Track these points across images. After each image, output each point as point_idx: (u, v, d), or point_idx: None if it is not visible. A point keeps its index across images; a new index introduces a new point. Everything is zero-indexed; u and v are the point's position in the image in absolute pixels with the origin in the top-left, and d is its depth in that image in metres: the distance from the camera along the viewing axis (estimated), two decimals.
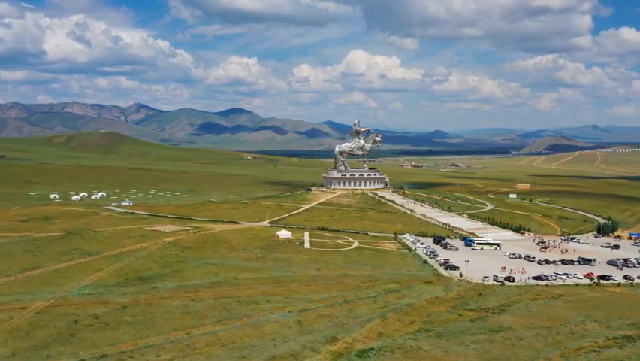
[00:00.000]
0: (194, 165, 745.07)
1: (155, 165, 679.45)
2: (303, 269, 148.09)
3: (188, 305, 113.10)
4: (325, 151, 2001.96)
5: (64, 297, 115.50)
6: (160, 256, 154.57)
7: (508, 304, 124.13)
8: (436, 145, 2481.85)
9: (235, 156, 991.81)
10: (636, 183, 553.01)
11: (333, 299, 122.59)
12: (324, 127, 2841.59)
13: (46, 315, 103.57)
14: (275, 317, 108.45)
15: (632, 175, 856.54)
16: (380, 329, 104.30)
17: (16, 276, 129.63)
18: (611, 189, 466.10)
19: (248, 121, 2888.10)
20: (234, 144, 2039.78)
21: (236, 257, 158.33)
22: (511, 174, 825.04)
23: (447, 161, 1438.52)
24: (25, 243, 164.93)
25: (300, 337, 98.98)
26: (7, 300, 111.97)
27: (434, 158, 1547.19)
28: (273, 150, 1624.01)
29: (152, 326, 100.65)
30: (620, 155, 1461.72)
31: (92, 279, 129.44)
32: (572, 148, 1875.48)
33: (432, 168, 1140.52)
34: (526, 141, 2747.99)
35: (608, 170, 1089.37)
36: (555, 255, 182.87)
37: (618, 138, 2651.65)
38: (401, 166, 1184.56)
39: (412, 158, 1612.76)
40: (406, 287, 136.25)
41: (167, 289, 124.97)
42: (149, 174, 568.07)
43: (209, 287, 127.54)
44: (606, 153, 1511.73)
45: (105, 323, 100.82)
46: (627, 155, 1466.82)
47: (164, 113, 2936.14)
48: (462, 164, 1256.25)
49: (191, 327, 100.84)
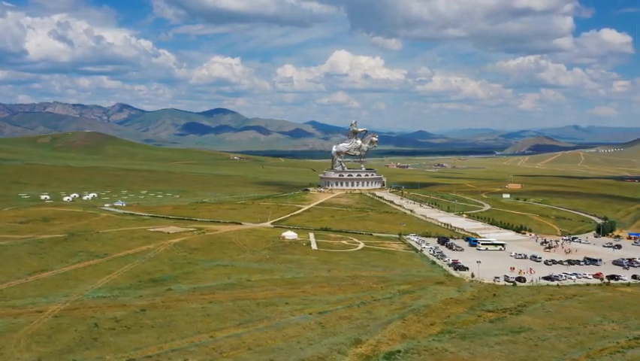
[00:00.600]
0: (182, 166, 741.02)
1: (142, 166, 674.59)
2: (314, 270, 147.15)
3: (206, 308, 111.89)
4: (310, 151, 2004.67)
5: (80, 300, 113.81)
6: (168, 257, 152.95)
7: (524, 305, 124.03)
8: (419, 145, 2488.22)
9: (222, 156, 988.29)
10: (624, 184, 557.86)
11: (350, 301, 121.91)
12: (308, 127, 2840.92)
13: (65, 319, 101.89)
14: (296, 319, 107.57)
15: (617, 175, 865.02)
16: (402, 331, 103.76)
17: (27, 279, 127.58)
18: (600, 189, 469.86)
19: (232, 121, 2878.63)
20: (218, 144, 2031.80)
21: (245, 259, 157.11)
22: (498, 174, 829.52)
23: (432, 161, 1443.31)
24: (29, 245, 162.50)
25: (325, 339, 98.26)
26: (23, 303, 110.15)
27: (419, 158, 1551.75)
28: (257, 151, 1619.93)
29: (175, 329, 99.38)
30: (603, 155, 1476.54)
31: (104, 281, 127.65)
32: (554, 148, 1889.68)
33: (417, 168, 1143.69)
34: (508, 141, 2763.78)
35: (592, 170, 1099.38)
36: (559, 255, 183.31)
37: (599, 138, 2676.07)
38: (386, 166, 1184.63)
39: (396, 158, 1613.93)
40: (419, 288, 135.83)
41: (182, 291, 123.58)
42: (137, 174, 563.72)
43: (223, 289, 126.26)
44: (589, 153, 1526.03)
45: (126, 327, 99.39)
46: (610, 155, 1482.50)
47: (147, 113, 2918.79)
48: (447, 164, 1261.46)
49: (214, 330, 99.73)
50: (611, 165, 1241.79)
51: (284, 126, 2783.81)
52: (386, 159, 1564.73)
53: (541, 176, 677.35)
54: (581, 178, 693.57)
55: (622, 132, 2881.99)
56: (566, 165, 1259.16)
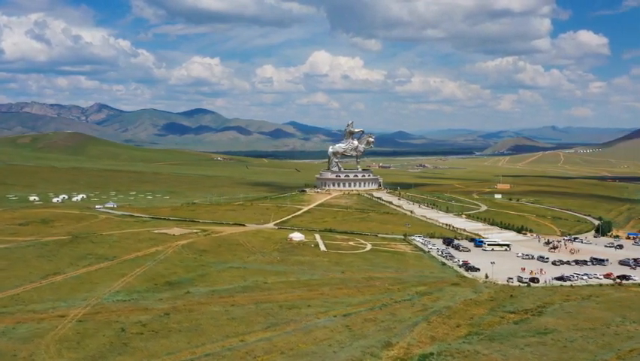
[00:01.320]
0: (166, 167, 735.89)
1: (127, 167, 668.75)
2: (328, 272, 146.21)
3: (230, 311, 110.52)
4: (291, 152, 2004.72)
5: (100, 304, 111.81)
6: (179, 260, 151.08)
7: (544, 306, 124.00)
8: (399, 146, 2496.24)
9: (205, 157, 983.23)
10: (608, 184, 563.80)
11: (371, 303, 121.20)
12: (288, 128, 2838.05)
13: (90, 323, 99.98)
14: (322, 322, 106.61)
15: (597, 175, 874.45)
16: (430, 333, 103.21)
17: (41, 282, 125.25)
18: (587, 189, 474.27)
19: (211, 122, 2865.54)
20: (199, 145, 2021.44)
21: (257, 260, 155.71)
22: (481, 175, 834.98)
23: (413, 161, 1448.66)
24: (34, 247, 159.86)
25: (355, 342, 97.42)
26: (43, 308, 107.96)
27: (400, 158, 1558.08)
28: (238, 151, 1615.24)
29: (203, 333, 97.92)
30: (582, 155, 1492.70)
31: (120, 285, 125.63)
32: (533, 149, 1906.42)
33: (399, 169, 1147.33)
34: (487, 141, 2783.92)
35: (572, 170, 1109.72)
36: (565, 255, 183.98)
37: (576, 138, 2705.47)
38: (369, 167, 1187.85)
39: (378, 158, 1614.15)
40: (436, 290, 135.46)
41: (201, 294, 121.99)
42: (123, 175, 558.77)
43: (242, 292, 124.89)
44: (568, 153, 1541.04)
45: (154, 331, 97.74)
46: (589, 155, 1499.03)
47: (125, 114, 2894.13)
48: (429, 164, 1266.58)
49: (242, 334, 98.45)
50: (591, 165, 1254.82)
51: (264, 127, 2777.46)
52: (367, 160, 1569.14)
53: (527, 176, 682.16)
54: (566, 178, 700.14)
55: (598, 133, 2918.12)
56: (546, 165, 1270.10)
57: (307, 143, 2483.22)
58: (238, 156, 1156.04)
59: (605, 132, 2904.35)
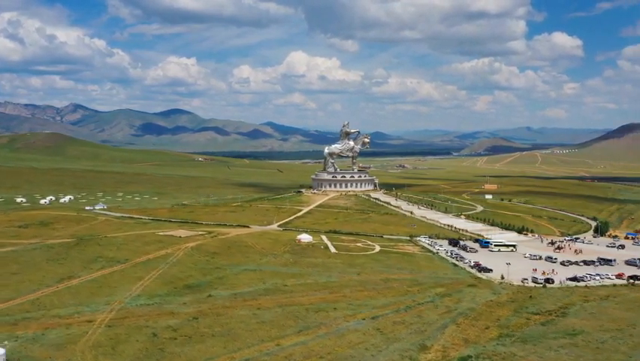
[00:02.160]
0: (148, 167, 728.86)
1: (108, 167, 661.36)
2: (344, 274, 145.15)
3: (257, 314, 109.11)
4: (270, 152, 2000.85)
5: (125, 308, 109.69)
6: (192, 262, 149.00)
7: (565, 307, 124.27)
8: (377, 146, 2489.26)
9: (186, 157, 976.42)
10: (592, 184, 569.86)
11: (395, 305, 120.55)
12: (266, 128, 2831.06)
13: (119, 329, 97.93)
14: (352, 325, 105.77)
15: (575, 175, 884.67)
16: (462, 335, 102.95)
17: (58, 286, 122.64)
18: (573, 189, 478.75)
19: (188, 122, 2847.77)
20: (176, 145, 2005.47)
21: (270, 263, 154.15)
22: (462, 175, 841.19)
23: (392, 162, 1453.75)
24: (41, 250, 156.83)
25: (390, 345, 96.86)
26: (68, 313, 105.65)
27: (379, 159, 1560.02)
28: (216, 151, 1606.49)
29: (237, 337, 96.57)
30: (559, 156, 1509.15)
31: (139, 288, 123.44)
32: (510, 149, 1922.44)
33: (379, 169, 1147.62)
34: (464, 142, 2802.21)
35: (550, 170, 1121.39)
36: (570, 255, 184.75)
37: (551, 139, 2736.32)
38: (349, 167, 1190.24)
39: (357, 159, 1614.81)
40: (454, 291, 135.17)
41: (223, 297, 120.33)
42: (107, 176, 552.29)
43: (264, 295, 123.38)
44: (545, 153, 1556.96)
45: (187, 336, 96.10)
46: (565, 156, 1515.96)
47: (101, 114, 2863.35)
48: (408, 165, 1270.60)
49: (276, 338, 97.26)
50: (568, 165, 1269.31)
51: (241, 127, 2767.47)
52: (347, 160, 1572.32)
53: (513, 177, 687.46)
54: (549, 178, 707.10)
55: (572, 133, 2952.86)
56: (524, 165, 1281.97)
57: (285, 143, 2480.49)
58: (217, 156, 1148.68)
59: (578, 133, 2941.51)
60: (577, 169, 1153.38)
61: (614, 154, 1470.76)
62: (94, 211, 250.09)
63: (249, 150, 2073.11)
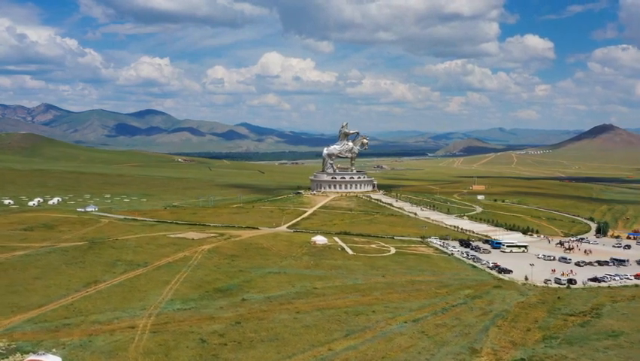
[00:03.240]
0: (129, 168, 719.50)
1: (89, 169, 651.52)
2: (369, 277, 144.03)
3: (298, 318, 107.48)
4: (246, 153, 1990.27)
5: (163, 313, 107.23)
6: (214, 265, 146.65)
7: (597, 308, 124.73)
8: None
9: (165, 158, 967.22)
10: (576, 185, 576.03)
11: (431, 307, 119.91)
12: (241, 129, 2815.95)
13: (165, 335, 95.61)
14: (396, 328, 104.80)
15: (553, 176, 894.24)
16: (507, 338, 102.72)
17: (87, 291, 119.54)
18: (558, 189, 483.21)
19: (162, 122, 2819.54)
20: (150, 146, 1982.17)
21: (292, 265, 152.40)
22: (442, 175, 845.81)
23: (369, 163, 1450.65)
24: (56, 254, 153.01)
25: (441, 348, 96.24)
26: (106, 318, 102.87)
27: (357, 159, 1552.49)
28: (191, 152, 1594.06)
29: (287, 342, 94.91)
30: (534, 156, 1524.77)
31: (170, 293, 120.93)
32: (484, 150, 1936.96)
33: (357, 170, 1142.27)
34: (438, 143, 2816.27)
35: (526, 171, 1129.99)
36: (580, 256, 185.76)
37: (523, 140, 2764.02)
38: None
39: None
40: (482, 293, 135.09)
41: (258, 301, 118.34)
42: (89, 177, 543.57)
43: (298, 298, 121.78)
44: (520, 154, 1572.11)
45: (236, 341, 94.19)
46: (540, 157, 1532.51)
47: (73, 114, 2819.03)
48: (385, 166, 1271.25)
49: (326, 343, 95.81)
50: (544, 166, 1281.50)
51: (216, 128, 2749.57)
52: None
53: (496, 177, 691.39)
54: (532, 179, 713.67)
55: (544, 134, 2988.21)
56: (500, 166, 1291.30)
57: (260, 144, 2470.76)
58: (193, 156, 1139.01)
59: (550, 134, 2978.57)
60: (553, 170, 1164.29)
61: (587, 155, 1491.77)
62: (92, 213, 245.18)
63: (225, 150, 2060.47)
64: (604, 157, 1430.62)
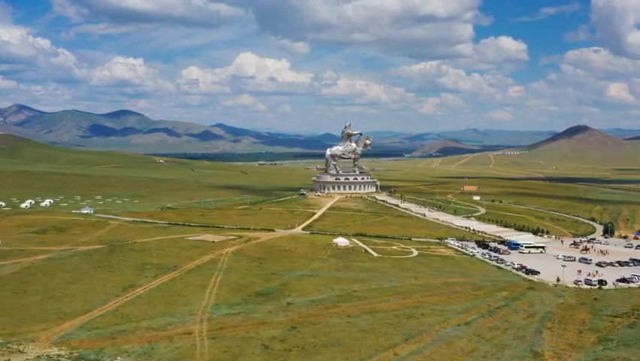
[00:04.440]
0: (111, 169, 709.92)
1: (72, 170, 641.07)
2: (402, 279, 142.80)
3: (351, 323, 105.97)
4: (223, 154, 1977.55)
5: (213, 318, 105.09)
6: (244, 268, 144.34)
7: (637, 309, 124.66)
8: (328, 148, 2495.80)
9: (146, 159, 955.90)
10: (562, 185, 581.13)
11: (476, 310, 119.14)
12: (217, 129, 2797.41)
13: (225, 340, 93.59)
14: (451, 332, 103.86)
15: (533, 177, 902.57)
16: (563, 340, 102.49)
17: (126, 296, 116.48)
18: (547, 189, 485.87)
19: (137, 123, 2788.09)
20: (125, 147, 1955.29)
21: (321, 268, 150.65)
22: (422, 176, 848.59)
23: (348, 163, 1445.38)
24: (80, 258, 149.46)
25: (504, 351, 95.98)
26: (159, 324, 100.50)
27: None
28: (168, 153, 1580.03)
29: (350, 348, 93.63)
30: (511, 157, 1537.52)
31: (211, 297, 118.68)
32: (460, 151, 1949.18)
33: None
34: (413, 143, 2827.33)
35: (505, 171, 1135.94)
36: (598, 256, 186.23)
37: (497, 140, 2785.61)
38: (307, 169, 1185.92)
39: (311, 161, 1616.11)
40: (519, 294, 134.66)
41: (303, 305, 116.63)
42: (75, 179, 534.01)
43: (342, 302, 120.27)
44: (497, 155, 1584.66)
45: (300, 347, 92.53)
46: (517, 157, 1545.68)
47: (47, 115, 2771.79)
48: (365, 167, 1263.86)
49: (389, 347, 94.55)
50: (521, 166, 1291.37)
51: (192, 128, 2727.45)
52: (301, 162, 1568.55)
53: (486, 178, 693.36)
54: (518, 179, 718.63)
55: (517, 135, 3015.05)
56: (478, 166, 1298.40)
57: (237, 145, 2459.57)
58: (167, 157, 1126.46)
59: (523, 135, 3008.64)
60: (530, 170, 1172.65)
61: (563, 155, 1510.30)
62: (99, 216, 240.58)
63: (201, 151, 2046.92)
64: (580, 158, 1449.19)
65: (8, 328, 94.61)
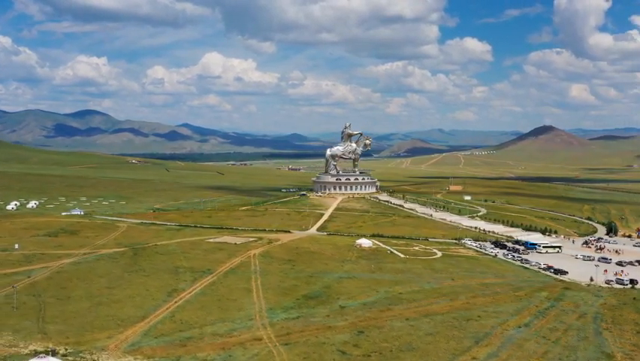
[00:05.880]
0: (86, 170, 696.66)
1: (48, 171, 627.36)
2: (439, 280, 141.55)
3: (414, 326, 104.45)
4: (191, 154, 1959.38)
5: (274, 323, 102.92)
6: (279, 271, 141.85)
7: None
8: (296, 148, 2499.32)
9: (119, 159, 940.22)
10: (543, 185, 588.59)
11: (527, 311, 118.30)
12: (183, 130, 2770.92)
13: (299, 346, 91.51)
14: (516, 334, 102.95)
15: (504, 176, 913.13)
16: (626, 341, 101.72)
17: (175, 301, 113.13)
18: (531, 189, 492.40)
19: (102, 123, 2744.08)
20: (91, 147, 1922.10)
21: (355, 269, 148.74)
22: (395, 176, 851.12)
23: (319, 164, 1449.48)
24: (105, 261, 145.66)
25: (576, 354, 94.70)
26: (224, 330, 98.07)
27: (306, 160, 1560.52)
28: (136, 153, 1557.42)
29: (426, 352, 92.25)
30: (480, 157, 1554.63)
31: (260, 301, 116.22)
32: (428, 151, 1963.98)
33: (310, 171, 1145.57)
34: (380, 144, 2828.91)
35: (475, 171, 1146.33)
36: (614, 256, 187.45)
37: (462, 140, 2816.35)
38: (278, 169, 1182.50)
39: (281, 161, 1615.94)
40: (558, 295, 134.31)
41: (356, 308, 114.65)
42: (54, 180, 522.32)
43: (392, 304, 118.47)
44: (466, 155, 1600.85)
45: (376, 352, 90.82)
46: (485, 157, 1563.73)
47: (9, 115, 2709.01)
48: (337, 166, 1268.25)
49: (464, 351, 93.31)
50: (491, 166, 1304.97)
51: (158, 128, 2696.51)
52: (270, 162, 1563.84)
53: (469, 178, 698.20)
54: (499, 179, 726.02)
55: (482, 135, 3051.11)
56: (449, 166, 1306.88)
57: (204, 145, 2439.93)
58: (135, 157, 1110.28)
59: (488, 135, 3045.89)
60: (500, 170, 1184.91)
61: (530, 155, 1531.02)
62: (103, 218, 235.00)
63: (169, 151, 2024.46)
64: (547, 157, 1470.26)
65: (71, 336, 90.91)
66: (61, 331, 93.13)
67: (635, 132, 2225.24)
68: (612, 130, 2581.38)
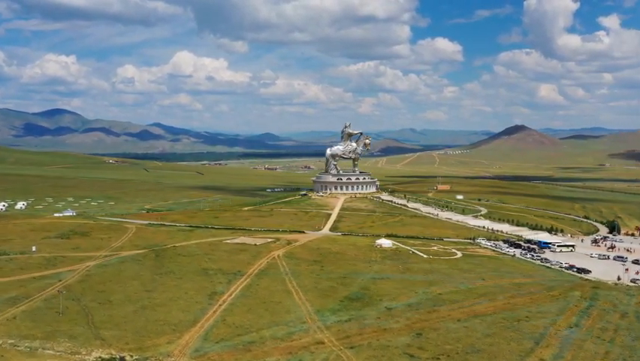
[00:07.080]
0: (65, 170, 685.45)
1: (25, 170, 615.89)
2: (471, 280, 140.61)
3: (468, 327, 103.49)
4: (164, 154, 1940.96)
5: (328, 326, 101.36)
6: (309, 272, 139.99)
7: None
8: (269, 147, 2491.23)
9: (95, 159, 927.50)
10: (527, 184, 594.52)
11: (569, 311, 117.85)
12: (155, 129, 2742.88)
13: (364, 350, 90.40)
14: (569, 335, 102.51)
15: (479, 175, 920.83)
16: None
17: (219, 304, 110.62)
18: (520, 188, 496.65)
19: (72, 122, 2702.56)
20: (61, 147, 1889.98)
21: (384, 270, 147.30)
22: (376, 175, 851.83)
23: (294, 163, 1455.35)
24: (130, 263, 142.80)
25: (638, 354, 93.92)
26: (282, 334, 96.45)
27: (281, 160, 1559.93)
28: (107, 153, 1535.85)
29: (494, 354, 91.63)
30: (455, 156, 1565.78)
31: (306, 303, 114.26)
32: (402, 150, 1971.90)
33: (286, 170, 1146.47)
34: None
35: (451, 170, 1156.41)
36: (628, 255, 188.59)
37: (434, 140, 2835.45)
38: (255, 168, 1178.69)
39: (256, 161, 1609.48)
40: (591, 294, 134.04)
41: (403, 309, 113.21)
42: (34, 180, 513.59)
43: (435, 305, 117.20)
44: (440, 154, 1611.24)
45: (445, 355, 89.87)
46: (460, 156, 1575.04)
47: None
48: (313, 166, 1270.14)
49: (528, 353, 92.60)
50: (466, 165, 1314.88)
51: (130, 128, 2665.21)
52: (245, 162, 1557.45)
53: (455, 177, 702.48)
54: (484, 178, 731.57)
55: (453, 135, 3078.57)
56: (424, 166, 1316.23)
57: (177, 145, 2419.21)
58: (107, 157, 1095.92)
59: (459, 134, 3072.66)
60: (476, 169, 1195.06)
61: (504, 155, 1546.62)
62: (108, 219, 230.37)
63: (141, 151, 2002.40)
64: (520, 157, 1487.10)
65: (130, 342, 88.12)
66: (117, 336, 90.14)
67: (603, 132, 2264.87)
68: (580, 130, 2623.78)
